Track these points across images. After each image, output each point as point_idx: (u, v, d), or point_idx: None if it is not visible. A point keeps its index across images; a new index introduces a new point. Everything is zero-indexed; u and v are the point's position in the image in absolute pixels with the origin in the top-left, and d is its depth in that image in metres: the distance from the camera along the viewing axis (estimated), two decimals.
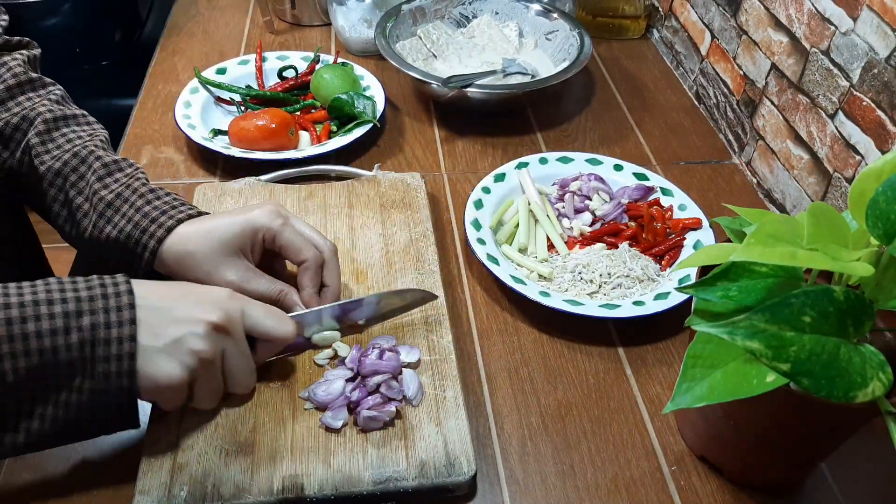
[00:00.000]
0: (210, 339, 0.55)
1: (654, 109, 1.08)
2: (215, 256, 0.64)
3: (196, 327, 0.55)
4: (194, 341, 0.55)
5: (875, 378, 0.46)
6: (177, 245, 0.64)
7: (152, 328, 0.53)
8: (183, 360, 0.54)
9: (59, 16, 1.50)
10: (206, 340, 0.55)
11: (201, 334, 0.55)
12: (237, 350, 0.58)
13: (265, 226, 0.66)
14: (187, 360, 0.55)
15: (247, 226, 0.65)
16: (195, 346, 0.55)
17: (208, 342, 0.55)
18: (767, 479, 0.62)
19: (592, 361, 0.72)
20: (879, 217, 0.47)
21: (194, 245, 0.64)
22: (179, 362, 0.54)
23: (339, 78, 0.98)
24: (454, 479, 0.58)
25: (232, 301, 0.58)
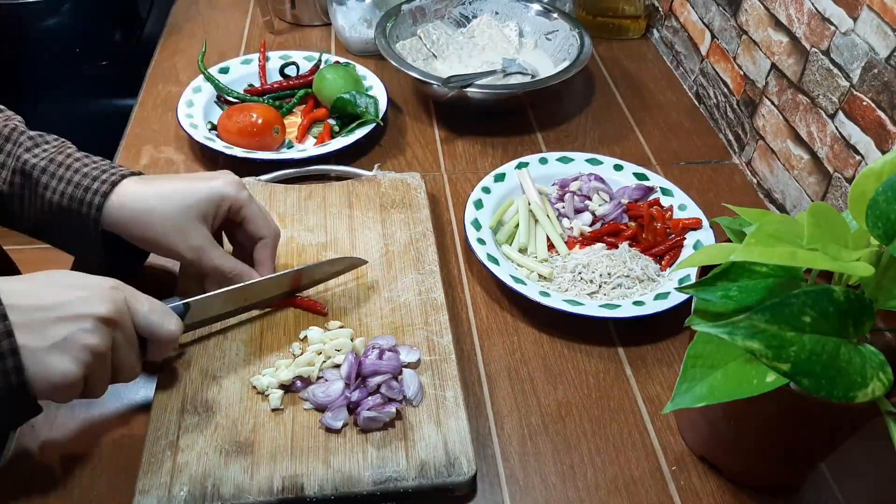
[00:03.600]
0: (101, 333, 0.53)
1: (654, 109, 1.08)
2: (177, 218, 0.63)
3: (85, 323, 0.52)
4: (86, 337, 0.52)
5: (875, 378, 0.46)
6: (131, 202, 0.62)
7: (34, 329, 0.51)
8: (76, 356, 0.52)
9: (59, 16, 1.50)
10: (97, 335, 0.53)
11: (92, 329, 0.53)
12: (126, 341, 0.56)
13: (232, 196, 0.65)
14: (81, 357, 0.52)
15: (213, 193, 0.64)
16: (87, 341, 0.52)
17: (100, 336, 0.53)
18: (767, 479, 0.62)
19: (592, 361, 0.72)
20: (879, 217, 0.47)
21: (153, 203, 0.63)
22: (73, 358, 0.52)
23: (341, 78, 0.98)
24: (454, 479, 0.58)
25: (116, 292, 0.55)
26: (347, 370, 0.63)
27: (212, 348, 0.67)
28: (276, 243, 0.69)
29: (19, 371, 0.50)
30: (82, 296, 0.53)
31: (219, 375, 0.65)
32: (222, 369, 0.65)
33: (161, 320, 0.58)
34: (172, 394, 0.63)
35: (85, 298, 0.53)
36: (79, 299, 0.53)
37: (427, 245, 0.78)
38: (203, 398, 0.63)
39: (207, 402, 0.63)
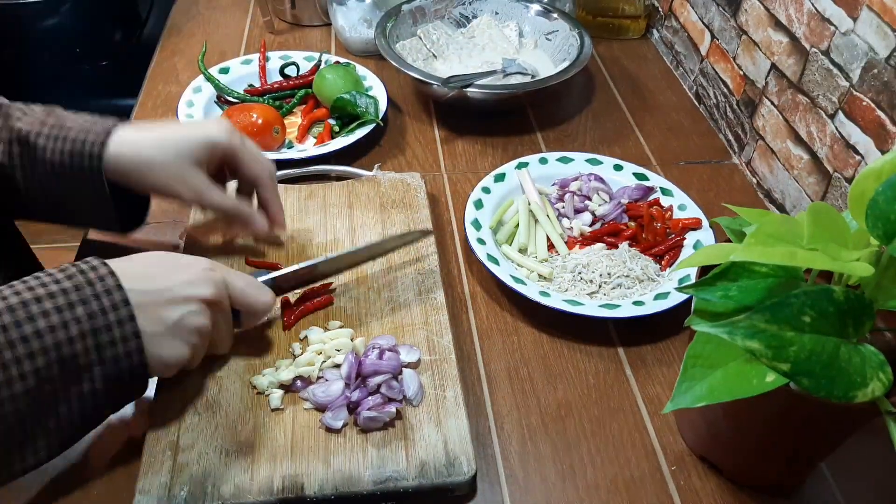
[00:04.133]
0: (207, 315, 0.58)
1: (654, 109, 1.08)
2: (176, 165, 0.65)
3: (192, 306, 0.56)
4: (194, 319, 0.56)
5: (875, 378, 0.46)
6: (129, 153, 0.64)
7: (150, 313, 0.54)
8: (187, 339, 0.56)
9: (59, 16, 1.50)
10: (204, 317, 0.57)
11: (199, 311, 0.57)
12: (224, 318, 0.61)
13: (226, 141, 0.68)
14: (191, 339, 0.57)
15: (207, 139, 0.67)
16: (196, 323, 0.57)
17: (206, 317, 0.58)
18: (767, 479, 0.62)
19: (592, 361, 0.72)
20: (879, 217, 0.47)
21: (150, 152, 0.65)
22: (184, 342, 0.56)
23: (341, 78, 0.98)
24: (454, 479, 0.58)
25: (215, 273, 0.59)
26: (347, 370, 0.63)
27: None
28: (274, 179, 0.72)
29: (140, 352, 0.53)
30: (187, 279, 0.57)
31: (219, 375, 0.65)
32: (222, 369, 0.65)
33: (257, 294, 0.63)
34: (173, 394, 0.63)
35: (190, 282, 0.57)
36: (185, 283, 0.57)
37: (427, 245, 0.78)
38: (203, 398, 0.63)
39: (207, 402, 0.63)
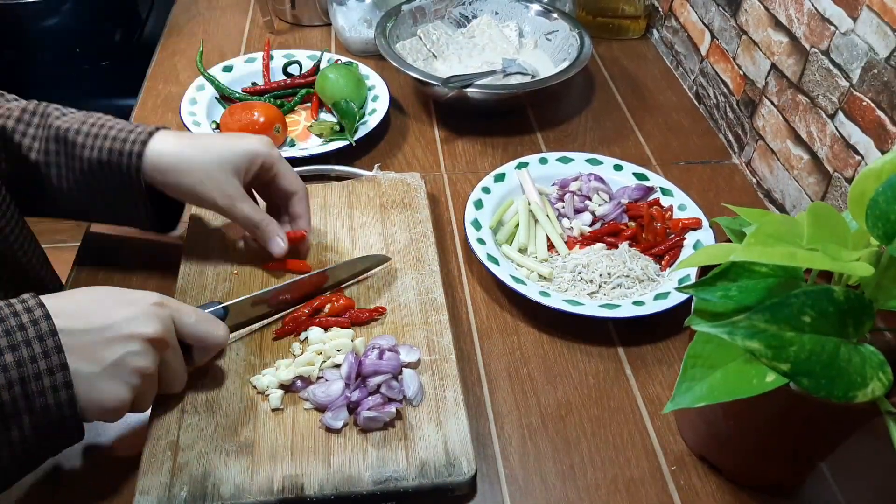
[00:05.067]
0: (151, 355, 0.54)
1: (654, 109, 1.08)
2: (213, 168, 0.66)
3: (133, 345, 0.52)
4: (135, 359, 0.52)
5: (875, 378, 0.46)
6: (169, 151, 0.66)
7: (86, 353, 0.51)
8: (127, 381, 0.53)
9: (59, 16, 1.50)
10: (147, 357, 0.53)
11: (140, 351, 0.53)
12: (174, 357, 0.57)
13: (266, 152, 0.69)
14: (131, 380, 0.53)
15: (249, 149, 0.68)
16: (137, 364, 0.53)
17: (150, 358, 0.54)
18: (767, 479, 0.62)
19: (592, 361, 0.72)
20: (879, 217, 0.47)
21: (191, 153, 0.66)
22: (124, 383, 0.52)
23: (343, 78, 0.98)
24: (454, 479, 0.58)
25: (162, 309, 0.55)
26: (347, 370, 0.63)
27: None
28: (308, 196, 0.74)
29: (72, 403, 0.50)
30: (129, 316, 0.53)
31: (219, 375, 0.65)
32: (222, 369, 0.65)
33: (209, 329, 0.59)
34: (172, 394, 0.63)
35: (132, 318, 0.53)
36: (126, 320, 0.53)
37: (427, 245, 0.78)
38: (203, 398, 0.63)
39: (207, 402, 0.63)
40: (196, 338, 0.59)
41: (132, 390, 0.53)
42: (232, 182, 0.67)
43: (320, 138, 0.95)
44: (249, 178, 0.70)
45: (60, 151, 0.66)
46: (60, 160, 0.66)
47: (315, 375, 0.64)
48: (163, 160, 0.66)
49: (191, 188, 0.67)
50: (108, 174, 0.66)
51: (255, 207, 0.70)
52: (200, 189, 0.67)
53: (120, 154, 0.65)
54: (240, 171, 0.68)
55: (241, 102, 0.97)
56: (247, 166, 0.69)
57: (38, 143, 0.66)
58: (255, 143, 0.69)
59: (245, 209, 0.69)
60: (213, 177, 0.66)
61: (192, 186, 0.67)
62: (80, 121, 0.66)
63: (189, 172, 0.66)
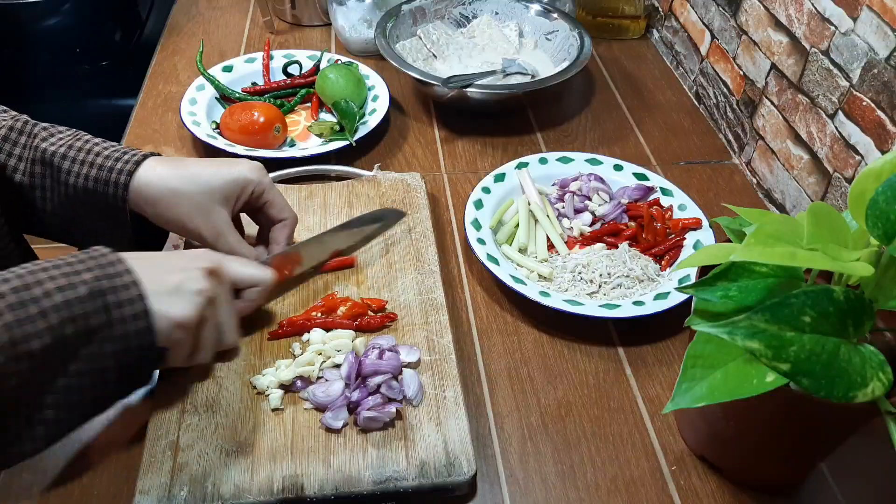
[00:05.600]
0: (208, 281, 0.58)
1: (654, 109, 1.08)
2: (202, 199, 0.65)
3: (192, 273, 0.57)
4: (195, 282, 0.57)
5: (875, 378, 0.46)
6: (156, 182, 0.65)
7: (153, 278, 0.55)
8: (191, 300, 0.56)
9: (59, 16, 1.50)
10: (204, 281, 0.58)
11: (199, 277, 0.57)
12: (225, 299, 0.61)
13: (256, 180, 0.68)
14: (195, 299, 0.57)
15: (238, 177, 0.67)
16: (198, 285, 0.57)
17: (207, 283, 0.58)
18: (767, 479, 0.62)
19: (592, 361, 0.72)
20: (879, 217, 0.47)
21: (178, 184, 0.65)
22: (188, 301, 0.56)
23: (343, 78, 0.98)
24: (454, 479, 0.58)
25: (212, 254, 0.62)
26: (347, 370, 0.63)
27: None
28: (294, 226, 0.73)
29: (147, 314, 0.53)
30: (183, 257, 0.60)
31: (219, 375, 0.65)
32: (222, 369, 0.65)
33: (256, 270, 0.64)
34: (172, 394, 0.63)
35: (189, 256, 0.60)
36: (184, 257, 0.59)
37: (427, 245, 0.78)
38: (203, 398, 0.63)
39: (207, 402, 0.63)
40: (245, 277, 0.63)
41: (197, 309, 0.57)
42: (220, 214, 0.66)
43: (320, 138, 0.95)
44: (239, 206, 0.69)
45: (46, 175, 0.64)
46: (46, 183, 0.65)
47: (315, 375, 0.64)
48: (150, 191, 0.64)
49: (178, 220, 0.65)
50: (93, 201, 0.64)
51: (241, 241, 0.69)
52: (188, 222, 0.65)
53: (106, 183, 0.63)
54: (229, 200, 0.67)
55: (241, 102, 0.97)
56: (237, 194, 0.67)
57: (23, 164, 0.64)
58: (245, 171, 0.68)
59: (231, 243, 0.68)
60: (201, 208, 0.65)
61: (179, 218, 0.65)
62: (68, 144, 0.65)
63: (177, 204, 0.65)
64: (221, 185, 0.66)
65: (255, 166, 0.69)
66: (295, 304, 0.72)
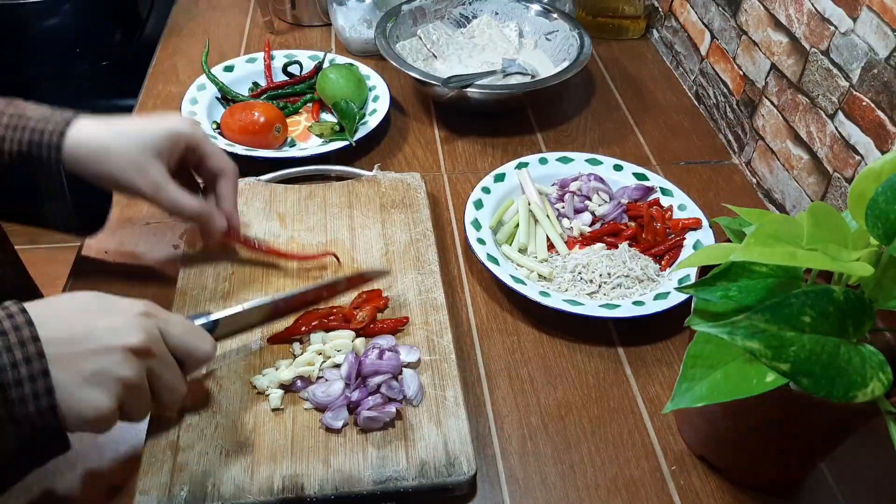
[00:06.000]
0: (133, 364, 0.51)
1: (654, 109, 1.08)
2: (134, 154, 0.63)
3: (116, 355, 0.50)
4: (117, 369, 0.50)
5: (875, 378, 0.46)
6: (87, 140, 0.63)
7: (67, 363, 0.49)
8: (109, 390, 0.50)
9: (59, 16, 1.50)
10: (129, 366, 0.51)
11: (122, 361, 0.51)
12: (164, 365, 0.54)
13: (188, 132, 0.67)
14: (114, 389, 0.50)
15: (169, 130, 0.65)
16: (119, 373, 0.50)
17: (132, 367, 0.51)
18: (767, 479, 0.62)
19: (592, 361, 0.72)
20: (879, 217, 0.47)
21: (110, 140, 0.63)
22: (105, 392, 0.50)
23: (344, 78, 0.98)
24: (454, 479, 0.58)
25: (148, 319, 0.53)
26: (347, 370, 0.63)
27: None
28: (237, 177, 0.71)
29: (54, 410, 0.48)
30: (112, 325, 0.51)
31: (219, 375, 0.65)
32: (222, 369, 0.65)
33: (196, 342, 0.56)
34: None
35: (115, 329, 0.51)
36: (109, 330, 0.51)
37: (427, 245, 0.78)
38: (203, 398, 0.63)
39: (207, 402, 0.63)
40: (183, 350, 0.56)
41: (115, 399, 0.51)
42: (155, 166, 0.64)
43: (320, 138, 0.95)
44: (175, 160, 0.67)
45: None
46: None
47: (315, 375, 0.64)
48: (80, 149, 0.62)
49: (112, 176, 0.63)
50: (29, 167, 0.62)
51: (183, 192, 0.66)
52: (123, 177, 0.63)
53: (39, 146, 0.62)
54: (162, 154, 0.65)
55: (241, 102, 0.97)
56: (170, 147, 0.65)
57: None
58: (175, 123, 0.66)
59: (172, 195, 0.65)
60: (134, 163, 0.63)
61: (113, 174, 0.63)
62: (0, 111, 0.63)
63: (108, 159, 0.63)
64: (153, 138, 0.64)
65: (186, 119, 0.68)
66: None
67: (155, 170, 0.64)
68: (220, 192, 0.70)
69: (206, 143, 0.68)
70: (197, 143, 0.67)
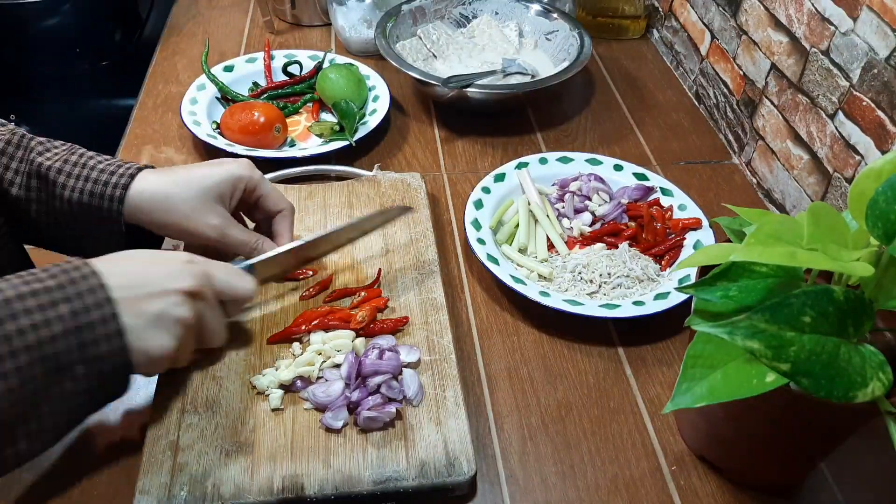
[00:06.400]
0: (190, 306, 0.57)
1: (654, 109, 1.08)
2: (197, 201, 0.65)
3: (173, 297, 0.56)
4: (176, 310, 0.55)
5: (875, 378, 0.46)
6: (151, 190, 0.65)
7: (131, 307, 0.53)
8: (170, 331, 0.55)
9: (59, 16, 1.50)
10: (186, 308, 0.56)
11: (180, 303, 0.56)
12: (211, 311, 0.60)
13: (248, 175, 0.69)
14: (174, 330, 0.56)
15: (229, 175, 0.67)
16: (178, 314, 0.56)
17: (189, 309, 0.56)
18: (767, 479, 0.62)
19: (592, 361, 0.72)
20: (879, 217, 0.47)
21: (172, 189, 0.65)
22: (168, 333, 0.55)
23: (344, 78, 0.98)
24: (454, 479, 0.58)
25: (195, 265, 0.59)
26: (347, 370, 0.63)
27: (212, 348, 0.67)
28: (293, 215, 0.73)
29: (123, 350, 0.52)
30: (166, 272, 0.57)
31: (219, 375, 0.65)
32: (222, 369, 0.65)
33: (239, 281, 0.62)
34: (172, 394, 0.63)
35: (169, 274, 0.56)
36: (164, 276, 0.56)
37: (427, 245, 0.78)
38: (203, 398, 0.63)
39: (207, 402, 0.63)
40: (227, 289, 0.61)
41: (175, 339, 0.56)
42: (217, 211, 0.67)
43: (320, 138, 0.96)
44: (234, 202, 0.69)
45: (42, 189, 0.65)
46: (41, 197, 0.65)
47: (315, 375, 0.64)
48: (145, 201, 0.64)
49: (177, 225, 0.66)
50: (88, 215, 0.65)
51: (246, 231, 0.69)
52: (187, 225, 0.65)
53: (101, 197, 0.64)
54: (224, 198, 0.67)
55: (241, 102, 0.97)
56: (230, 192, 0.68)
57: (19, 178, 0.65)
58: (235, 168, 0.68)
59: (236, 234, 0.68)
60: (197, 209, 0.65)
61: (178, 223, 0.65)
62: (63, 158, 0.65)
63: (174, 209, 0.65)
64: (213, 184, 0.66)
65: (243, 163, 0.69)
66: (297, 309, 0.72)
67: (216, 214, 0.67)
68: (277, 230, 0.72)
69: (263, 185, 0.70)
70: (255, 185, 0.69)
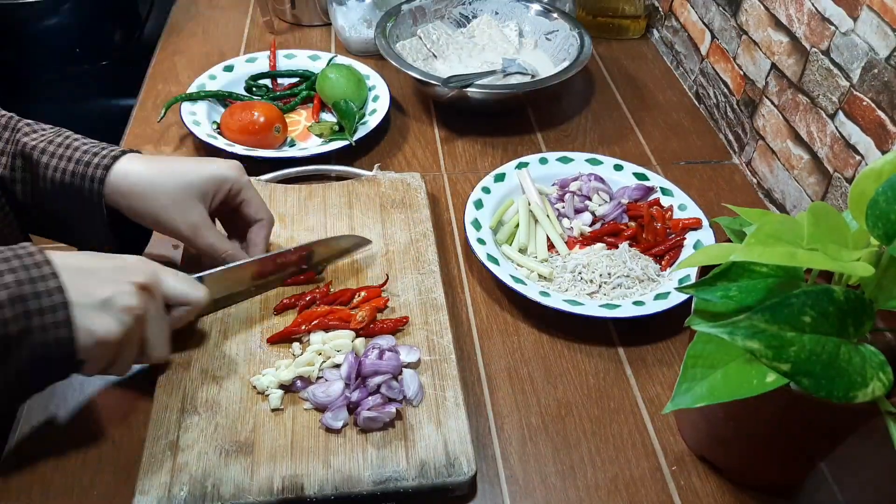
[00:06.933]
0: (139, 298, 0.56)
1: (654, 109, 1.08)
2: (178, 194, 0.65)
3: (124, 287, 0.55)
4: (125, 298, 0.55)
5: (875, 378, 0.46)
6: (134, 175, 0.64)
7: (80, 288, 0.53)
8: (118, 317, 0.55)
9: (59, 16, 1.50)
10: (135, 298, 0.56)
11: (130, 293, 0.56)
12: (157, 313, 0.59)
13: (234, 178, 0.67)
14: (122, 317, 0.55)
15: (216, 174, 0.66)
16: (128, 302, 0.55)
17: (138, 300, 0.56)
18: (767, 479, 0.62)
19: (592, 361, 0.72)
20: (879, 217, 0.47)
21: (155, 177, 0.64)
22: (115, 318, 0.54)
23: (344, 78, 0.98)
24: (454, 479, 0.58)
25: (147, 265, 0.59)
26: (347, 370, 0.63)
27: (212, 348, 0.67)
28: (271, 227, 0.72)
29: (68, 324, 0.52)
30: (120, 265, 0.57)
31: (219, 375, 0.65)
32: (222, 369, 0.65)
33: (190, 288, 0.62)
34: (172, 394, 0.63)
35: (122, 267, 0.57)
36: (117, 268, 0.57)
37: (427, 245, 0.78)
38: (203, 398, 0.63)
39: (207, 402, 0.63)
40: (177, 294, 0.61)
41: (123, 327, 0.55)
42: (196, 208, 0.65)
43: (320, 138, 0.95)
44: (216, 203, 0.68)
45: (25, 168, 0.64)
46: (26, 177, 0.64)
47: (315, 375, 0.64)
48: (126, 184, 0.63)
49: (153, 214, 0.64)
50: (70, 196, 0.64)
51: (220, 237, 0.68)
52: (164, 215, 0.64)
53: (82, 177, 0.63)
54: (206, 197, 0.66)
55: (241, 102, 0.97)
56: (213, 191, 0.67)
57: (4, 157, 0.64)
58: (223, 168, 0.67)
59: (209, 238, 0.67)
60: (177, 202, 0.64)
61: (154, 212, 0.64)
62: (48, 140, 0.64)
63: (153, 197, 0.64)
64: (199, 180, 0.65)
65: (233, 164, 0.68)
66: None
67: (195, 212, 0.66)
68: (252, 239, 0.71)
69: (247, 190, 0.69)
70: (240, 189, 0.68)
